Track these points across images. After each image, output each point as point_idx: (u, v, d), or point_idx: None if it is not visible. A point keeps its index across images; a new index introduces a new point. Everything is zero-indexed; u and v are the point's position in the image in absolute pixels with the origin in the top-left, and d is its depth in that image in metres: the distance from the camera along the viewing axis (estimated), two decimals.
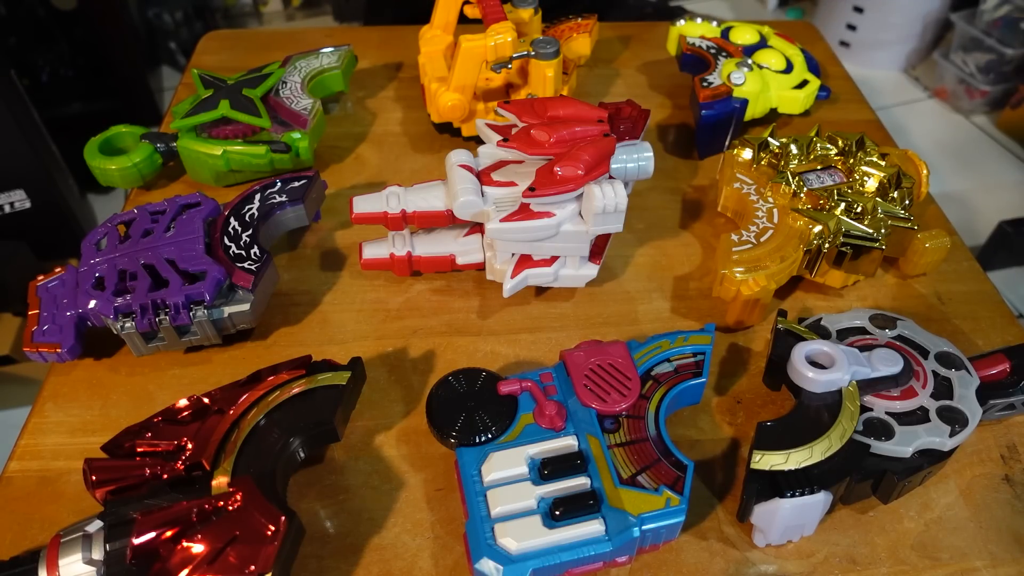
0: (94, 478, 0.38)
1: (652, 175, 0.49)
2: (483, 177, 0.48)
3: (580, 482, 0.38)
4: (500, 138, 0.48)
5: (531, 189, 0.46)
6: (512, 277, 0.49)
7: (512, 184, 0.48)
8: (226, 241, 0.49)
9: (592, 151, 0.46)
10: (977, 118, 1.90)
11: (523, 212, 0.47)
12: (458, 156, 0.49)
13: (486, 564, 0.35)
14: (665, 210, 0.60)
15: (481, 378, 0.43)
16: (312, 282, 0.54)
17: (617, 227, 0.47)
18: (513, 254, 0.50)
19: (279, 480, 0.39)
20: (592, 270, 0.51)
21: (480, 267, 0.52)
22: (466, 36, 0.58)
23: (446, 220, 0.49)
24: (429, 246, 0.52)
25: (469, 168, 0.48)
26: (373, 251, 0.52)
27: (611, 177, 0.48)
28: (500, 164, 0.49)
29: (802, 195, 0.53)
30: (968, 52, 1.85)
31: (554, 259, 0.50)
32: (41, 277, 0.49)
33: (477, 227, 0.51)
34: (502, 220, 0.46)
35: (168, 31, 1.91)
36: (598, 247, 0.52)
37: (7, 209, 1.35)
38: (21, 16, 1.57)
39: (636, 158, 0.48)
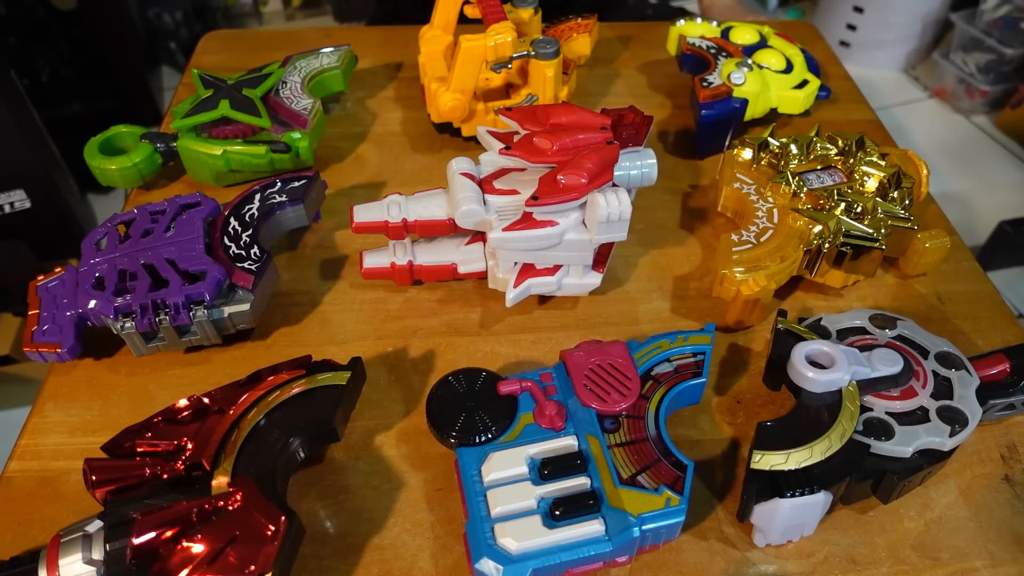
0: (94, 478, 0.38)
1: None
2: (485, 185, 0.48)
3: (580, 482, 0.38)
4: (502, 146, 0.48)
5: (534, 198, 0.46)
6: (515, 287, 0.49)
7: (515, 192, 0.48)
8: (226, 241, 0.49)
9: (596, 159, 0.46)
10: (977, 118, 1.90)
11: (526, 221, 0.46)
12: (460, 164, 0.49)
13: (486, 564, 0.35)
14: (665, 210, 0.60)
15: (481, 378, 0.43)
16: (312, 282, 0.54)
17: (621, 236, 0.47)
18: (516, 263, 0.49)
19: (279, 480, 0.39)
20: (596, 279, 0.51)
21: (482, 276, 0.52)
22: (466, 36, 0.58)
23: (448, 229, 0.49)
24: (430, 255, 0.51)
25: (471, 176, 0.48)
26: (374, 260, 0.51)
27: (615, 185, 0.47)
28: (502, 172, 0.49)
29: (802, 195, 0.53)
30: (968, 52, 1.85)
31: (557, 268, 0.49)
32: (41, 277, 0.49)
33: (479, 235, 0.51)
34: (505, 229, 0.46)
35: (168, 31, 1.91)
36: (601, 255, 0.51)
37: (7, 209, 1.35)
38: (21, 16, 1.57)
39: (640, 165, 0.48)
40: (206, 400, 0.41)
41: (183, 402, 0.41)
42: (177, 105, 0.61)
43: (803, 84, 0.65)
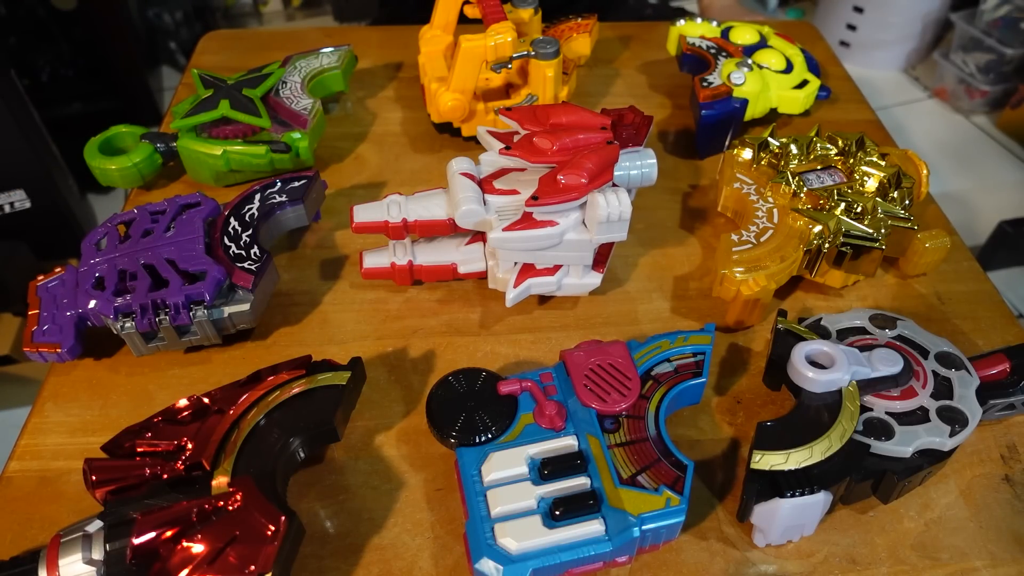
0: (94, 478, 0.38)
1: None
2: (485, 185, 0.48)
3: (580, 482, 0.38)
4: (502, 146, 0.48)
5: (534, 198, 0.46)
6: (515, 287, 0.49)
7: (515, 192, 0.48)
8: (226, 241, 0.49)
9: (596, 159, 0.46)
10: (977, 118, 1.90)
11: (526, 221, 0.46)
12: (460, 164, 0.49)
13: (486, 564, 0.35)
14: (665, 210, 0.60)
15: (481, 378, 0.43)
16: (312, 282, 0.54)
17: (621, 236, 0.47)
18: (516, 263, 0.49)
19: (279, 480, 0.39)
20: (596, 279, 0.51)
21: (482, 276, 0.52)
22: (466, 36, 0.58)
23: (448, 229, 0.49)
24: (430, 255, 0.51)
25: (471, 176, 0.48)
26: (374, 260, 0.51)
27: (615, 185, 0.47)
28: (502, 172, 0.49)
29: (802, 195, 0.53)
30: (968, 52, 1.85)
31: (557, 268, 0.49)
32: (41, 277, 0.49)
33: (479, 235, 0.51)
34: (505, 229, 0.46)
35: (168, 31, 1.91)
36: (601, 255, 0.51)
37: (7, 209, 1.35)
38: (21, 16, 1.57)
39: (639, 165, 0.48)
40: (206, 400, 0.41)
41: (183, 402, 0.41)
42: (177, 105, 0.61)
43: (803, 84, 0.65)
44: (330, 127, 0.67)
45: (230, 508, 0.36)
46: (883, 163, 0.55)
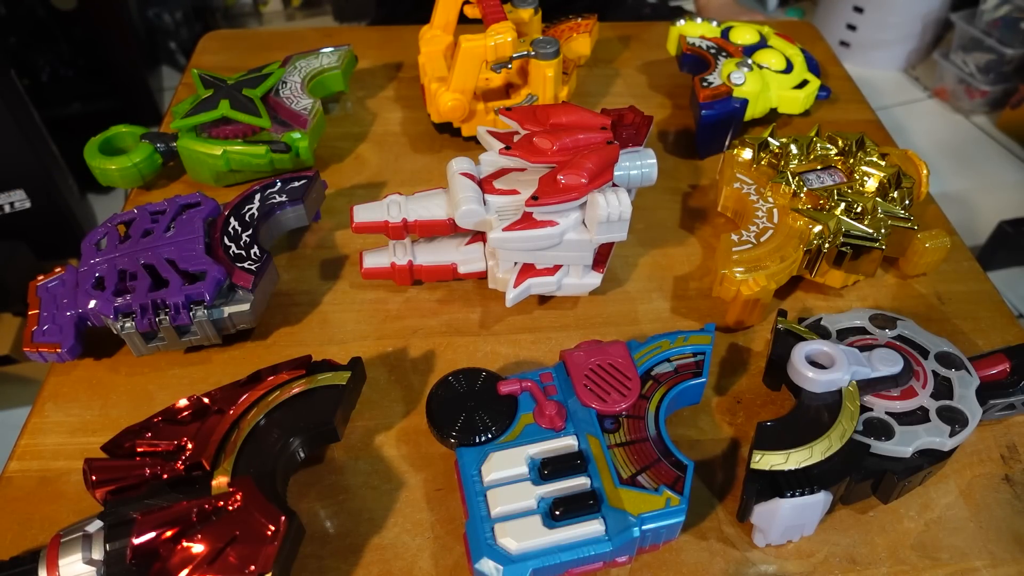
0: (94, 478, 0.38)
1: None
2: (485, 185, 0.48)
3: (580, 482, 0.38)
4: (502, 146, 0.48)
5: (534, 198, 0.46)
6: (515, 287, 0.49)
7: (515, 192, 0.48)
8: (226, 241, 0.49)
9: (596, 159, 0.46)
10: (977, 118, 1.90)
11: (526, 221, 0.46)
12: (460, 164, 0.49)
13: (486, 564, 0.35)
14: (665, 210, 0.60)
15: (481, 378, 0.43)
16: (312, 282, 0.54)
17: (621, 236, 0.47)
18: (516, 263, 0.49)
19: (279, 480, 0.39)
20: (596, 279, 0.51)
21: (482, 276, 0.52)
22: (466, 36, 0.58)
23: (448, 229, 0.49)
24: (430, 255, 0.51)
25: (471, 176, 0.48)
26: (374, 260, 0.51)
27: (615, 185, 0.47)
28: (502, 172, 0.49)
29: (802, 195, 0.53)
30: (968, 52, 1.85)
31: (557, 268, 0.49)
32: (41, 277, 0.49)
33: (479, 235, 0.51)
34: (505, 229, 0.46)
35: (168, 31, 1.91)
36: (601, 255, 0.51)
37: (7, 209, 1.35)
38: (21, 16, 1.57)
39: (639, 165, 0.48)
40: (206, 400, 0.41)
41: (183, 402, 0.41)
42: (177, 105, 0.61)
43: (803, 84, 0.65)
44: (330, 127, 0.67)
45: (230, 508, 0.36)
46: (883, 163, 0.55)
